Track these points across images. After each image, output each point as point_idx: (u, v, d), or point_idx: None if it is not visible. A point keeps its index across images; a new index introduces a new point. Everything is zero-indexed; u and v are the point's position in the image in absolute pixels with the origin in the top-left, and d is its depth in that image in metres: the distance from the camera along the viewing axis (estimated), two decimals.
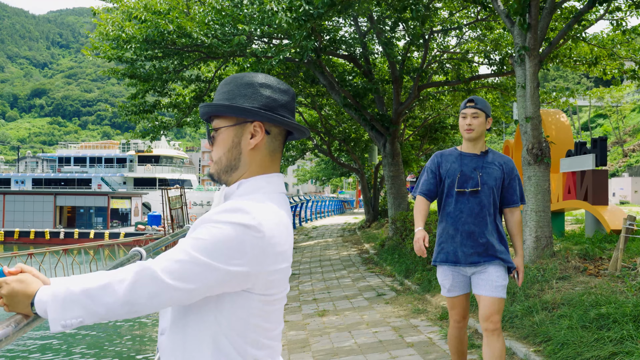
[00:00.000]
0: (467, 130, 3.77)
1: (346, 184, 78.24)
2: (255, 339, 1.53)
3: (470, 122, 3.76)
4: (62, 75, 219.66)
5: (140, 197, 49.48)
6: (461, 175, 3.76)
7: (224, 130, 1.61)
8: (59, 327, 1.36)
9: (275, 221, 1.51)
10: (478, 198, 3.73)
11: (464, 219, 3.73)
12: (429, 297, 8.32)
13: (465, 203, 3.74)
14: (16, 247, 36.23)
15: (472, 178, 3.75)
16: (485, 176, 3.75)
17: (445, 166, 3.84)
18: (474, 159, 3.81)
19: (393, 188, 14.67)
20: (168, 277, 1.39)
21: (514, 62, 7.78)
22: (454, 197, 3.78)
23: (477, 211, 3.72)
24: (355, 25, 15.06)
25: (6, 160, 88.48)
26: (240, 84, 1.61)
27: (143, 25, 11.91)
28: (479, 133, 3.80)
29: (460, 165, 3.79)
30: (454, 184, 3.77)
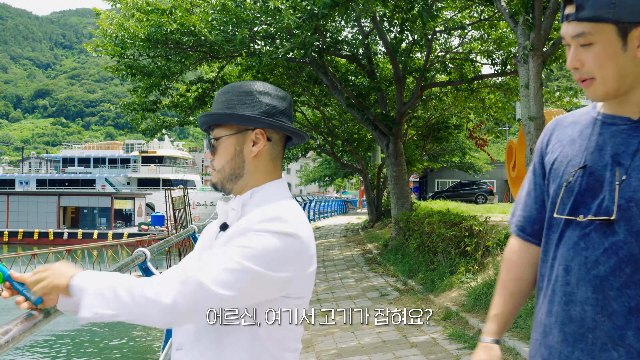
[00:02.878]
0: (576, 79, 1.47)
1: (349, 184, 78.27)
2: (290, 344, 1.57)
3: (577, 58, 1.44)
4: (65, 76, 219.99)
5: (143, 197, 49.53)
6: (579, 179, 1.47)
7: (226, 139, 1.62)
8: (90, 313, 1.38)
9: (306, 226, 1.55)
10: (614, 238, 1.40)
11: (577, 290, 1.44)
12: (433, 297, 8.32)
13: (582, 249, 1.44)
14: (20, 247, 36.32)
15: (601, 188, 1.44)
16: (635, 182, 1.39)
17: (556, 147, 1.56)
18: (622, 133, 1.45)
19: (396, 188, 14.67)
20: (217, 286, 1.39)
21: (518, 62, 7.78)
22: (557, 231, 1.51)
23: (610, 271, 1.39)
24: (358, 25, 15.07)
25: (10, 161, 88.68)
26: (239, 93, 1.61)
27: (146, 24, 11.94)
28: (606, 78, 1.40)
29: (585, 147, 1.48)
30: (556, 200, 1.51)
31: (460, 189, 35.30)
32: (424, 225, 10.46)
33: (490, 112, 18.03)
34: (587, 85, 1.43)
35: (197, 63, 14.05)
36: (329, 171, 39.48)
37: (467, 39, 15.32)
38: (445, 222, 9.68)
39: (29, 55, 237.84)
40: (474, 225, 9.02)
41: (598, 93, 1.42)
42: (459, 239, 9.02)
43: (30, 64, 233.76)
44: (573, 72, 1.46)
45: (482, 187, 35.30)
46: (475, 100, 16.99)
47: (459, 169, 34.92)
